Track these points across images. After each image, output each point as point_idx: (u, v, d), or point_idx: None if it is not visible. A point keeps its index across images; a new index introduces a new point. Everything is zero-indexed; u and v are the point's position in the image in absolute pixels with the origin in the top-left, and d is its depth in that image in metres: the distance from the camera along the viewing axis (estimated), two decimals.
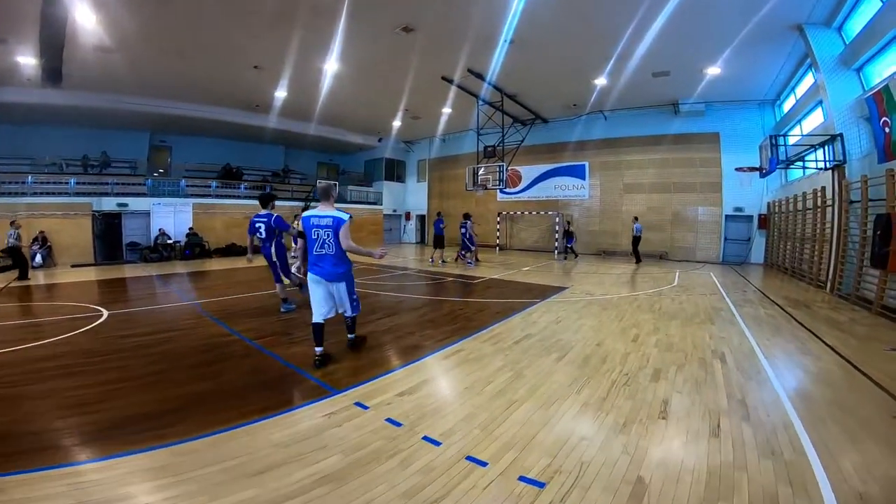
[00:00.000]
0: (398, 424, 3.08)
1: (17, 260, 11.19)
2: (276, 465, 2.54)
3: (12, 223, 11.34)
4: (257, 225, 6.59)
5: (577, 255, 16.88)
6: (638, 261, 15.65)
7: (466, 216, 14.20)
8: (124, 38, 11.21)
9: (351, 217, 4.25)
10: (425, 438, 2.89)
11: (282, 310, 6.76)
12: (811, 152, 9.99)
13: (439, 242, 14.45)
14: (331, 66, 13.47)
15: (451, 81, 14.99)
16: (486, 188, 16.33)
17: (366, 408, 3.32)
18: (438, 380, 4.02)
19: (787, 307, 7.43)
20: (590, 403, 3.44)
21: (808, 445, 2.78)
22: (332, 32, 11.24)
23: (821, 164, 9.69)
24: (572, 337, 5.35)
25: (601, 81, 14.47)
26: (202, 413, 3.25)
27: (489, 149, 16.51)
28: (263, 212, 6.65)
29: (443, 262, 14.12)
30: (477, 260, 14.36)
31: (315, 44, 11.98)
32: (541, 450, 2.74)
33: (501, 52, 12.34)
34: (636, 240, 15.71)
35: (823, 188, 9.76)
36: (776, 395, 3.60)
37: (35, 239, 13.80)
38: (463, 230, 13.89)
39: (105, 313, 6.71)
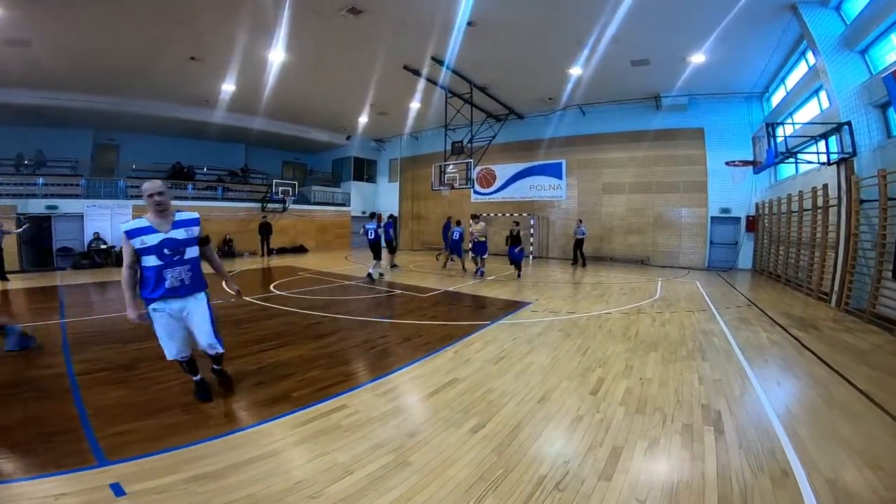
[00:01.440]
0: None
1: None
2: None
3: None
4: None
5: (518, 274, 11.76)
6: (583, 264, 15.00)
7: (475, 216, 12.76)
8: (37, 30, 10.12)
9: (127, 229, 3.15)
10: None
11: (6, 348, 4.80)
12: (811, 144, 8.71)
13: (390, 248, 12.85)
14: (276, 55, 12.08)
15: (414, 72, 13.59)
16: (454, 187, 14.91)
17: (121, 493, 2.27)
18: (269, 461, 2.61)
19: (792, 328, 6.06)
20: None
21: None
22: (270, 17, 9.91)
23: (822, 158, 8.39)
24: (510, 386, 3.86)
25: (576, 71, 13.16)
26: None
27: (457, 144, 15.11)
28: None
29: (393, 266, 12.53)
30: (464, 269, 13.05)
31: (254, 30, 10.62)
32: None
33: (462, 36, 10.94)
34: (579, 242, 15.10)
35: (826, 186, 8.48)
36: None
37: None
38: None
39: None
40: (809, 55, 10.12)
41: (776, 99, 12.97)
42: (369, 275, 10.84)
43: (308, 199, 22.11)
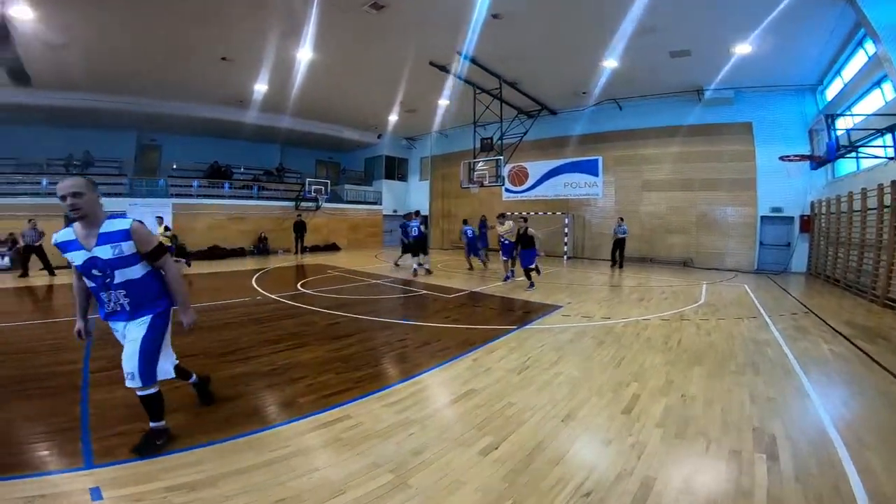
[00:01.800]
0: None
1: (41, 258, 11.53)
2: None
3: (29, 220, 11.58)
4: None
5: (531, 285, 9.76)
6: (620, 266, 14.10)
7: (502, 216, 11.49)
8: (72, 33, 10.40)
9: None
10: None
11: None
12: (876, 137, 7.89)
13: (420, 247, 11.88)
14: (304, 54, 12.12)
15: (441, 68, 13.33)
16: (483, 185, 14.55)
17: (98, 498, 2.19)
18: (257, 473, 2.43)
19: (856, 339, 5.41)
20: None
21: None
22: (296, 15, 9.90)
23: (890, 153, 7.56)
24: (532, 400, 3.49)
25: (611, 64, 12.51)
26: None
27: (486, 141, 14.74)
28: None
29: (420, 267, 11.84)
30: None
31: (281, 29, 10.61)
32: None
33: (488, 29, 10.55)
34: (620, 242, 14.15)
35: (893, 182, 7.63)
36: None
37: (2, 241, 13.12)
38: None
39: None
40: (868, 44, 9.25)
41: (832, 92, 11.96)
42: (427, 270, 11.63)
43: (341, 197, 22.32)
